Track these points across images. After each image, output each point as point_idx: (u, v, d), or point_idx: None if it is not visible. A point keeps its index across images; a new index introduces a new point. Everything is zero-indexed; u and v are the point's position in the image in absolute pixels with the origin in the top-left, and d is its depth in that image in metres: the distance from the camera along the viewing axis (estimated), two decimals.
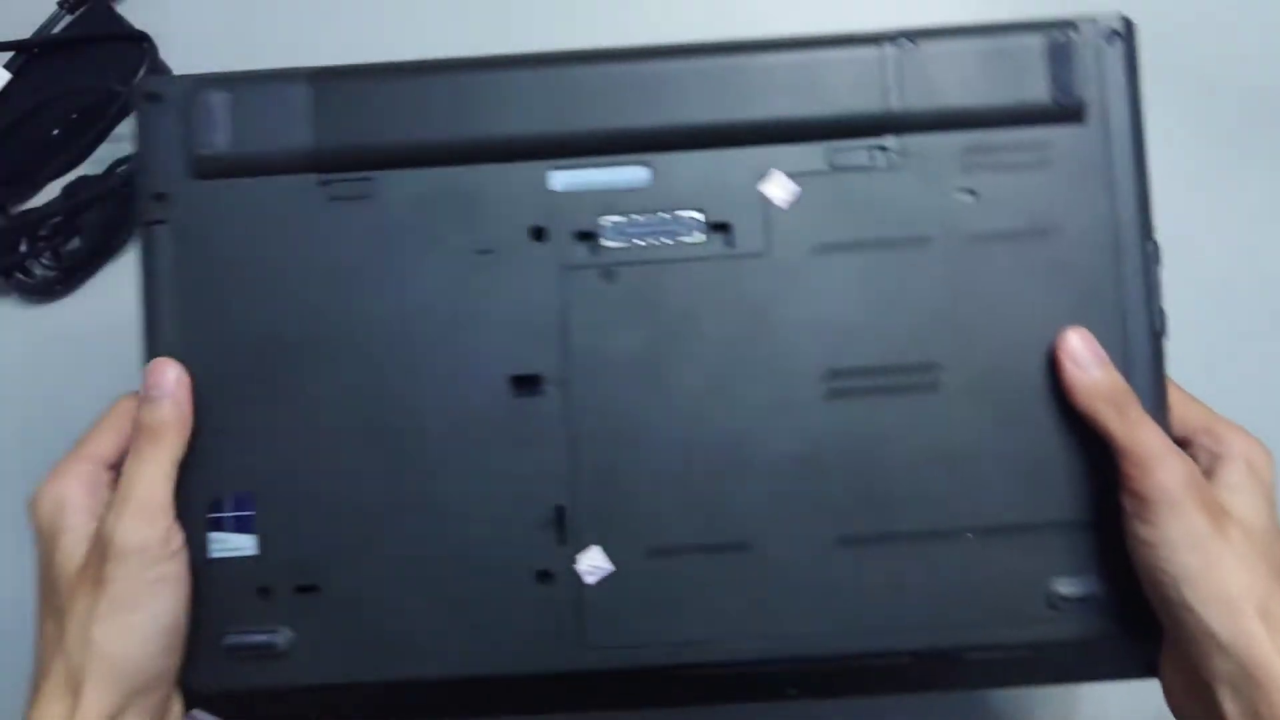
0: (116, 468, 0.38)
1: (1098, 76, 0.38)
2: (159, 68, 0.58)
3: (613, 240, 0.39)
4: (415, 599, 0.38)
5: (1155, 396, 0.38)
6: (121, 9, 0.59)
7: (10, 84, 0.59)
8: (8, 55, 0.59)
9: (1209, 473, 0.36)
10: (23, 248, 0.57)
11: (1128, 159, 0.38)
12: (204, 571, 0.38)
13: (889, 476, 0.38)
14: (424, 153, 0.39)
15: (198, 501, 0.38)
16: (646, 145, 0.39)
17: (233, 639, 0.38)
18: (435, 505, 0.38)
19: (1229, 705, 0.33)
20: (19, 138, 0.58)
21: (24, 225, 0.57)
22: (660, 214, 0.39)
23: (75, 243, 0.57)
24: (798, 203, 0.38)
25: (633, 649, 0.38)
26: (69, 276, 0.57)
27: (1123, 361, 0.38)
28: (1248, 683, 0.33)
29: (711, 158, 0.39)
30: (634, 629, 0.38)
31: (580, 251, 0.39)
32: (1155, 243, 0.38)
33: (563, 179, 0.39)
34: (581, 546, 0.38)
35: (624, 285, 0.38)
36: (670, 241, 0.39)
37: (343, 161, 0.39)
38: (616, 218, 0.39)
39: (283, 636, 0.38)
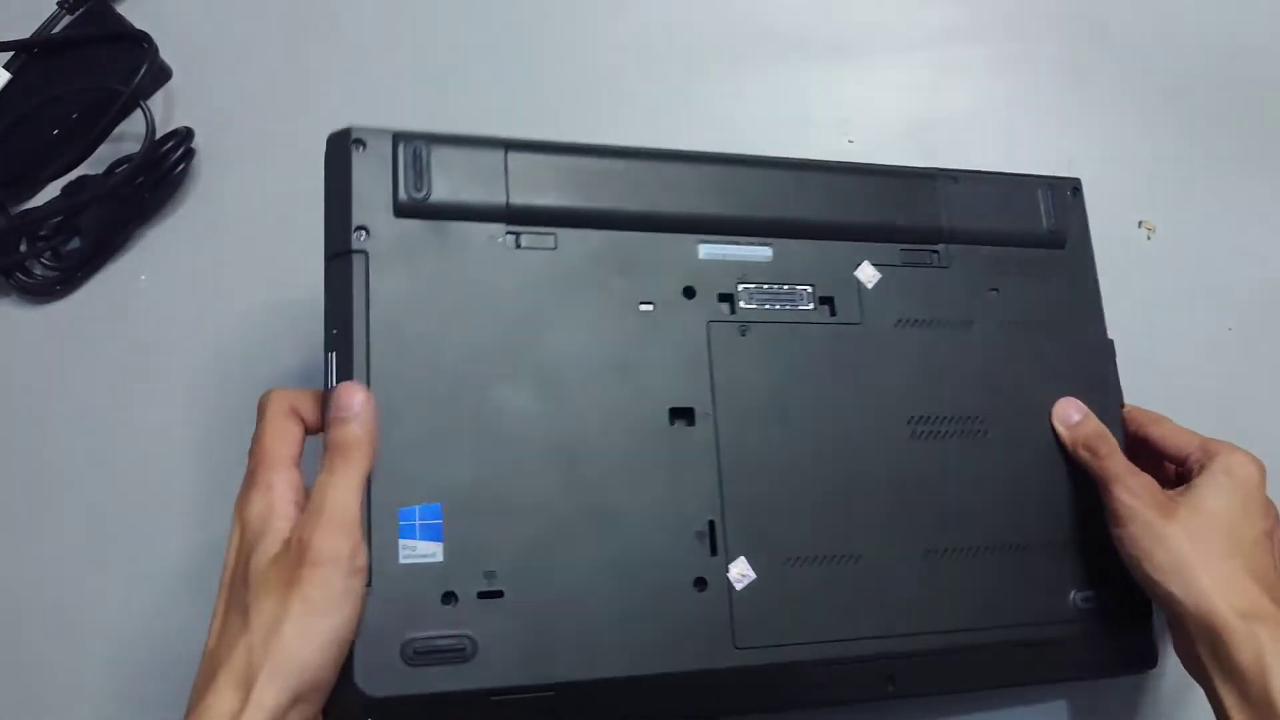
0: (297, 463, 0.40)
1: (1070, 217, 0.53)
2: (159, 68, 0.58)
3: (747, 303, 0.47)
4: (589, 605, 0.41)
5: (1120, 444, 0.51)
6: (121, 9, 0.60)
7: (10, 84, 0.58)
8: (8, 55, 0.59)
9: (1196, 477, 0.47)
10: (23, 248, 0.56)
11: (1090, 277, 0.53)
12: (394, 577, 0.39)
13: (958, 502, 0.48)
14: (600, 218, 0.46)
15: (389, 511, 0.40)
16: (771, 231, 0.48)
17: (420, 643, 0.39)
18: (605, 518, 0.43)
19: (1203, 651, 0.43)
20: (19, 138, 0.58)
21: (24, 225, 0.56)
22: (783, 285, 0.48)
23: (75, 243, 0.56)
24: (880, 286, 0.49)
25: (775, 648, 0.43)
26: (69, 276, 0.56)
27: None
28: (1209, 632, 0.42)
29: (817, 246, 0.49)
30: (775, 629, 0.44)
31: (722, 310, 0.47)
32: (1111, 340, 0.52)
33: (707, 250, 0.47)
34: (731, 557, 0.44)
35: (755, 339, 0.47)
36: (790, 308, 0.47)
37: (530, 217, 0.45)
38: (750, 285, 0.47)
39: (467, 640, 0.40)
